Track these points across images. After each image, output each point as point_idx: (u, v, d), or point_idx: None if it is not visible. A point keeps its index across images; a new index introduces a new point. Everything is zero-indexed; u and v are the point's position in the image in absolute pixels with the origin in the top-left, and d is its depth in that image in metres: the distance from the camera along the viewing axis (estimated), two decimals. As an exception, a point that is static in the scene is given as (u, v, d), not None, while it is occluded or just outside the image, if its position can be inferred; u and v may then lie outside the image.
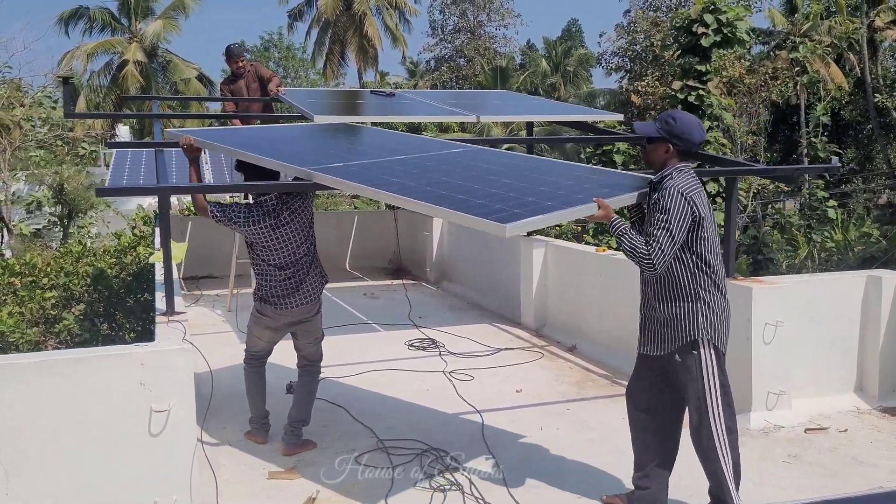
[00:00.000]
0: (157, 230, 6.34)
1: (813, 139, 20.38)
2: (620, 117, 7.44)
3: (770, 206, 21.34)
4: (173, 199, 22.38)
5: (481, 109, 7.50)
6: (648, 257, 3.39)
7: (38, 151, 21.82)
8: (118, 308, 9.14)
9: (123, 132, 30.39)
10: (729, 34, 13.06)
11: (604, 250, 6.98)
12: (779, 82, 24.06)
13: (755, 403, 5.06)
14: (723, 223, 5.54)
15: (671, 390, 3.71)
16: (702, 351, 3.51)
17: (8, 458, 3.43)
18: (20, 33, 38.91)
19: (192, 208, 18.69)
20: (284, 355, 5.19)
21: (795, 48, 24.78)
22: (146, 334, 8.63)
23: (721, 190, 12.59)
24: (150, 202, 16.48)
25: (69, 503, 3.53)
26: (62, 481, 3.52)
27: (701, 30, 13.00)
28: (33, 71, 35.69)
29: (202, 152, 4.65)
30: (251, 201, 4.57)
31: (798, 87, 24.94)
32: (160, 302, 4.72)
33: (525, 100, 9.38)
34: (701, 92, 13.21)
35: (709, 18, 12.97)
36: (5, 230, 20.38)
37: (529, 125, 8.76)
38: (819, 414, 5.21)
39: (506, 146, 26.84)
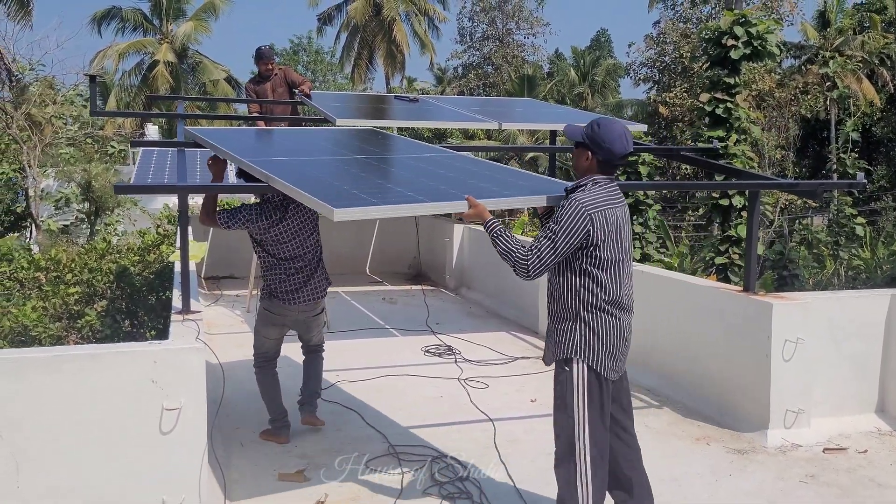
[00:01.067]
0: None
1: (842, 155, 20.13)
2: (644, 128, 7.37)
3: (797, 221, 21.12)
4: (197, 199, 22.62)
5: (505, 117, 7.48)
6: (524, 262, 3.33)
7: (67, 149, 22.11)
8: (140, 305, 9.21)
9: (153, 132, 30.77)
10: (759, 47, 12.89)
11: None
12: (809, 97, 23.86)
13: (773, 421, 4.98)
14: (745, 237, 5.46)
15: None
16: (574, 370, 3.37)
17: (19, 450, 3.45)
18: (53, 32, 39.57)
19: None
20: (293, 361, 5.20)
21: (827, 63, 24.56)
22: (166, 332, 8.69)
23: (746, 205, 12.46)
24: (176, 201, 16.58)
25: (78, 498, 3.54)
26: (72, 475, 3.53)
27: (730, 42, 12.84)
28: (65, 69, 36.22)
29: (227, 166, 4.72)
30: (257, 201, 4.71)
31: (828, 103, 24.71)
32: (176, 300, 4.74)
33: (549, 108, 9.34)
34: (729, 104, 13.04)
35: (739, 31, 12.81)
36: (34, 225, 20.67)
37: (553, 134, 8.72)
38: (838, 434, 5.12)
39: (530, 154, 26.67)
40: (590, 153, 3.41)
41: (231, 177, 12.12)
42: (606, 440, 3.42)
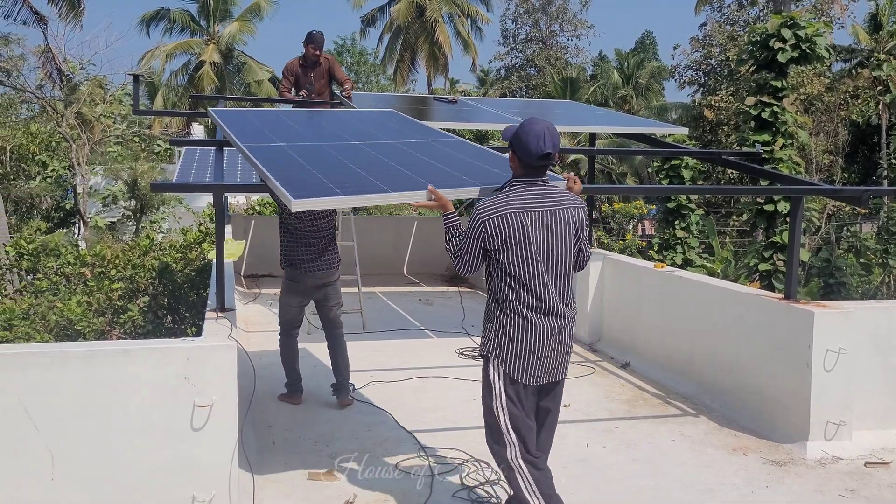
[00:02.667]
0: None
1: (894, 161, 19.64)
2: (686, 131, 7.26)
3: (845, 228, 20.64)
4: (240, 198, 22.94)
5: (543, 118, 7.42)
6: (454, 260, 3.47)
7: (115, 147, 22.56)
8: (181, 302, 9.35)
9: (198, 131, 31.26)
10: (807, 50, 12.60)
11: (662, 266, 6.82)
12: (860, 101, 23.29)
13: (813, 432, 4.85)
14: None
15: None
16: (489, 368, 3.48)
17: (54, 443, 3.51)
18: (103, 32, 40.46)
19: (255, 207, 19.13)
20: (328, 361, 5.21)
21: (879, 66, 23.94)
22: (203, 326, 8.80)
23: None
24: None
25: (110, 490, 3.60)
26: (105, 469, 3.58)
27: (778, 45, 12.58)
28: (114, 69, 36.95)
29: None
30: None
31: (880, 107, 24.10)
32: (212, 297, 4.79)
33: (590, 110, 9.26)
34: (776, 108, 12.77)
35: (787, 33, 12.54)
36: (81, 222, 21.14)
37: (592, 136, 8.64)
38: (881, 447, 4.96)
39: (570, 158, 26.44)
40: (512, 153, 3.41)
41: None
42: (527, 425, 3.51)
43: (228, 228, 10.53)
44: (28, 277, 10.29)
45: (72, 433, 3.54)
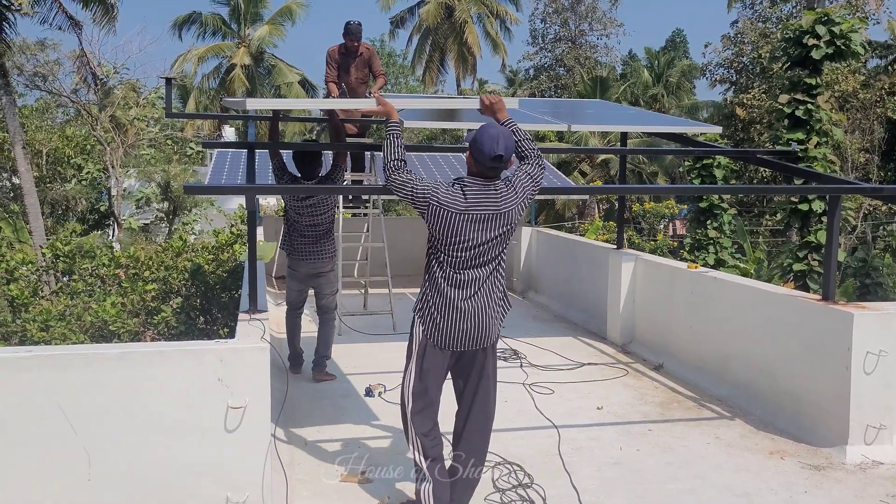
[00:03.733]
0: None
1: (932, 159, 19.20)
2: (719, 129, 7.14)
3: (882, 227, 20.26)
4: (271, 200, 23.11)
5: (574, 119, 7.36)
6: (389, 171, 3.72)
7: (148, 150, 22.84)
8: (213, 303, 9.42)
9: (230, 133, 31.54)
10: (842, 47, 12.37)
11: (696, 267, 6.73)
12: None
13: (852, 437, 4.76)
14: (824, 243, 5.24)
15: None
16: (414, 323, 3.78)
17: (91, 443, 3.55)
18: (136, 37, 40.94)
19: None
20: (360, 363, 5.22)
21: (917, 62, 23.48)
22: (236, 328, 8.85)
23: (826, 209, 11.99)
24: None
25: (145, 491, 3.63)
26: (140, 469, 3.62)
27: (812, 42, 12.36)
28: (147, 73, 37.45)
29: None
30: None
31: (918, 104, 23.62)
32: (245, 299, 4.81)
33: (620, 110, 9.17)
34: (810, 106, 12.55)
35: (821, 30, 12.32)
36: (115, 224, 21.44)
37: (624, 136, 8.56)
38: (924, 452, 4.85)
39: (601, 157, 26.27)
40: (469, 153, 3.62)
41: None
42: (428, 391, 3.74)
43: (260, 230, 10.60)
44: (64, 279, 10.44)
45: (108, 434, 3.58)
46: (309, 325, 6.99)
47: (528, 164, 3.80)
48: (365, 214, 9.01)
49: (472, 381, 3.79)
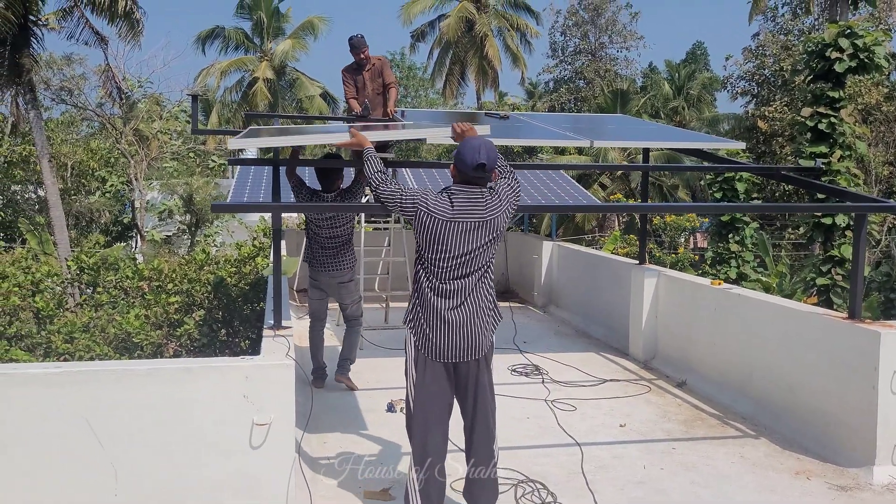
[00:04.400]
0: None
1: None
2: (742, 145, 7.12)
3: (907, 241, 20.02)
4: (293, 214, 23.20)
5: (596, 134, 7.36)
6: (378, 186, 3.76)
7: (171, 162, 23.05)
8: (235, 315, 9.48)
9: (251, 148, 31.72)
10: (865, 59, 12.31)
11: (719, 283, 6.70)
12: (921, 110, 22.62)
13: (880, 457, 4.70)
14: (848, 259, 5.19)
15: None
16: (407, 335, 3.81)
17: (118, 458, 3.59)
18: (161, 51, 41.50)
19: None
20: (382, 377, 5.22)
21: (941, 75, 23.25)
22: (258, 342, 8.89)
23: (850, 224, 11.87)
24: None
25: (172, 507, 3.66)
26: (166, 484, 3.64)
27: (835, 55, 12.33)
28: (171, 87, 37.90)
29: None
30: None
31: (943, 117, 23.37)
32: (269, 316, 4.85)
33: (642, 125, 9.16)
34: (833, 119, 12.51)
35: (844, 43, 12.29)
36: (139, 236, 21.64)
37: (646, 151, 8.55)
38: (953, 474, 4.78)
39: (620, 172, 26.15)
40: (453, 165, 3.71)
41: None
42: (427, 404, 3.76)
43: (282, 244, 10.66)
44: (88, 291, 10.54)
45: (134, 449, 3.61)
46: (331, 340, 7.04)
47: (504, 177, 3.88)
48: (386, 228, 9.05)
49: (470, 396, 3.81)
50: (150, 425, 3.62)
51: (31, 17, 16.34)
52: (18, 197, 22.47)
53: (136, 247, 21.86)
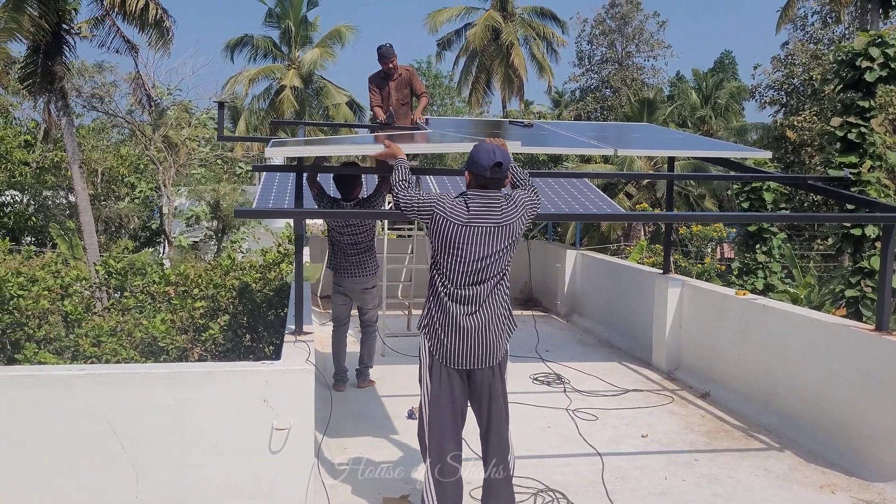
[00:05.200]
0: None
1: None
2: (769, 154, 7.05)
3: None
4: (318, 220, 23.35)
5: (621, 143, 7.33)
6: (397, 191, 3.82)
7: (199, 169, 23.30)
8: (260, 321, 9.54)
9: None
10: (896, 68, 12.16)
11: (744, 294, 6.63)
12: (954, 120, 22.25)
13: (907, 472, 4.61)
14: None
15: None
16: (422, 340, 3.80)
17: (138, 461, 3.62)
18: (190, 59, 42.10)
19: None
20: (403, 384, 5.23)
21: (975, 84, 22.87)
22: (282, 348, 8.93)
23: (880, 235, 11.71)
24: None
25: (191, 510, 3.68)
26: (186, 487, 3.67)
27: (865, 64, 12.17)
28: (200, 94, 38.37)
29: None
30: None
31: (977, 127, 22.97)
32: (290, 321, 4.87)
33: (667, 133, 9.10)
34: (863, 129, 12.34)
35: (874, 52, 12.13)
36: (166, 241, 21.88)
37: (671, 160, 8.50)
38: (983, 490, 4.68)
39: (647, 181, 25.95)
40: (467, 172, 3.71)
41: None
42: (446, 409, 3.74)
43: (306, 250, 10.72)
44: (115, 295, 10.66)
45: (155, 452, 3.65)
46: (353, 346, 7.05)
47: (524, 188, 3.90)
48: (409, 236, 9.07)
49: (484, 404, 3.80)
50: (170, 428, 3.65)
51: (65, 26, 16.60)
52: (50, 202, 22.81)
53: (163, 252, 22.10)
